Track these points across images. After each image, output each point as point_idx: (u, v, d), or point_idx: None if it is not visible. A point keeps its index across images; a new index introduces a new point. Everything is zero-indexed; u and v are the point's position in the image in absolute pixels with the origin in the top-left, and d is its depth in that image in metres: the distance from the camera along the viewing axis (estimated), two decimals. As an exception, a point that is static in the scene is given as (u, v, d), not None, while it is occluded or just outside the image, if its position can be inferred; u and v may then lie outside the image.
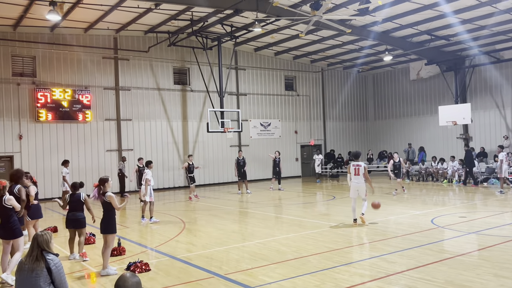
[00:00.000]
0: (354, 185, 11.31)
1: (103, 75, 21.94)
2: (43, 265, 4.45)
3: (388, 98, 31.01)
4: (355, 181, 11.29)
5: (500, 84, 24.65)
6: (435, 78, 27.44)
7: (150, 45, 22.52)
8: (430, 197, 16.90)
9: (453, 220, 11.49)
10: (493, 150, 23.57)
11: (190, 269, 7.77)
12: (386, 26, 21.14)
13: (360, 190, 11.29)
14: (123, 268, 7.82)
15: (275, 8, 17.23)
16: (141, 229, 12.09)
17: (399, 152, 23.07)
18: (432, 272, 6.93)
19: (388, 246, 8.79)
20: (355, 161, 11.57)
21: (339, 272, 7.11)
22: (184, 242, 10.06)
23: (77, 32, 21.08)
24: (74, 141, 21.06)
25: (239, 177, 19.86)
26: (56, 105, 20.46)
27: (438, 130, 26.39)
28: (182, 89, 24.28)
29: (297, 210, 14.90)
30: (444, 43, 23.10)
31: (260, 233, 10.80)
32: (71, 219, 8.94)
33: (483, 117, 25.35)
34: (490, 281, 6.40)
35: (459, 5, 17.87)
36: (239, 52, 26.12)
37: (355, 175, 11.27)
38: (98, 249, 9.45)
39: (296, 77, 28.83)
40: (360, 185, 11.25)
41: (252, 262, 7.99)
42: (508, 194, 16.54)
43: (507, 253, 7.94)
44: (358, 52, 26.05)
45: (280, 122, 27.80)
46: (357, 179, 11.27)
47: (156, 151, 23.06)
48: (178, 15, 19.57)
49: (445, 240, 9.49)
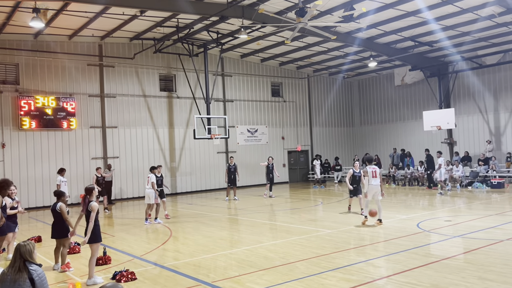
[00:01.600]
0: (372, 187, 11.85)
1: (88, 82, 21.76)
2: (26, 276, 4.37)
3: (374, 103, 31.31)
4: (374, 183, 11.83)
5: (482, 89, 25.07)
6: (419, 84, 27.81)
7: (136, 52, 22.43)
8: (416, 202, 17.06)
9: (438, 224, 11.61)
10: (477, 155, 23.95)
11: (177, 277, 7.70)
12: (371, 33, 21.40)
13: (378, 191, 11.85)
14: (109, 277, 7.72)
15: (260, 15, 17.33)
16: (127, 238, 11.96)
17: (384, 157, 23.33)
18: (418, 276, 6.99)
19: (374, 251, 8.84)
20: (370, 164, 12.23)
21: (326, 278, 7.12)
22: (171, 250, 9.98)
23: (61, 39, 20.90)
24: (59, 149, 20.80)
25: (229, 183, 19.71)
26: (40, 113, 20.21)
27: (423, 135, 26.71)
28: (168, 96, 24.20)
29: (285, 216, 14.90)
30: (427, 49, 23.46)
31: (248, 239, 10.78)
32: (53, 229, 8.79)
33: (466, 122, 25.74)
34: (474, 284, 6.47)
35: (441, 12, 18.17)
36: (225, 58, 26.16)
37: (373, 177, 11.85)
38: (83, 258, 9.34)
39: (282, 83, 28.96)
40: (378, 186, 11.84)
41: (240, 269, 7.96)
42: (447, 195, 18.26)
43: (491, 256, 8.05)
44: (344, 58, 26.30)
45: (267, 128, 27.85)
46: (375, 181, 11.83)
47: (142, 158, 22.90)
48: (163, 22, 19.54)
49: (430, 244, 9.58)
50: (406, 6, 17.59)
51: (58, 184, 15.92)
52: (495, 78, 24.64)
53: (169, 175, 23.75)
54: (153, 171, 14.21)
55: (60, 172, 16.31)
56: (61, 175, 16.13)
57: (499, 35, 20.93)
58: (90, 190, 7.86)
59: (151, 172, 14.23)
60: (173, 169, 24.04)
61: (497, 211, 13.47)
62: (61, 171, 16.38)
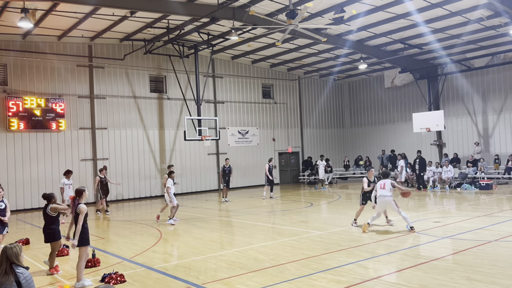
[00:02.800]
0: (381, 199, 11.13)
1: (77, 83, 21.59)
2: (13, 279, 4.32)
3: (364, 105, 31.48)
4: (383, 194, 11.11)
5: (471, 92, 25.33)
6: (409, 86, 28.02)
7: (126, 53, 22.31)
8: (405, 203, 17.16)
9: (427, 225, 11.69)
10: (466, 156, 24.17)
11: (167, 279, 7.66)
12: (361, 35, 21.52)
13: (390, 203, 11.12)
14: (98, 280, 7.66)
15: (251, 17, 17.33)
16: (117, 240, 11.87)
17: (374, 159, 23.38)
18: (407, 277, 7.02)
19: (364, 252, 8.87)
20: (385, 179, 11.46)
21: (316, 279, 7.13)
22: (161, 252, 9.93)
23: (51, 40, 20.72)
24: (48, 151, 20.60)
25: (224, 184, 20.08)
26: (28, 114, 20.00)
27: (413, 137, 26.90)
28: (159, 97, 24.10)
29: (275, 217, 14.91)
30: (417, 51, 23.64)
31: (238, 241, 10.76)
32: (43, 233, 8.69)
33: (455, 124, 25.98)
34: (463, 284, 6.53)
35: (430, 15, 18.34)
36: (216, 60, 26.13)
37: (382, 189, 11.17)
38: (72, 261, 9.26)
39: (273, 85, 29.00)
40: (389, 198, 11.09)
41: (230, 271, 7.94)
42: None
43: (479, 256, 8.12)
44: (334, 60, 26.42)
45: (258, 130, 27.86)
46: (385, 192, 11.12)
47: (132, 159, 22.77)
48: (154, 23, 19.46)
49: (420, 245, 9.64)
50: (396, 8, 17.73)
51: (61, 187, 14.99)
52: (484, 80, 24.92)
53: (159, 176, 23.64)
54: (171, 176, 14.19)
55: (66, 174, 15.29)
56: (66, 178, 15.12)
57: (487, 38, 21.17)
58: (80, 192, 7.80)
59: (169, 176, 14.16)
60: (163, 171, 23.90)
61: (485, 212, 13.60)
62: (67, 173, 15.31)
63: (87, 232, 7.68)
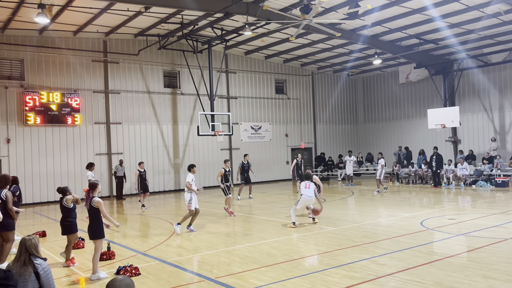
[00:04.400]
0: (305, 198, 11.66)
1: (92, 78, 21.81)
2: (31, 270, 4.39)
3: (378, 101, 31.23)
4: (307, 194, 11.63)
5: (487, 87, 24.95)
6: (424, 82, 27.70)
7: (140, 48, 22.44)
8: (419, 200, 17.03)
9: (442, 222, 11.58)
10: (481, 153, 23.84)
11: (181, 273, 7.73)
12: (376, 30, 21.31)
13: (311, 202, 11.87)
14: (113, 272, 7.76)
15: (265, 12, 17.27)
16: (131, 234, 12.00)
17: (388, 155, 23.24)
18: (421, 273, 6.98)
19: (378, 249, 8.83)
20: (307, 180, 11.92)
21: (329, 275, 7.13)
22: (175, 246, 10.01)
23: (66, 35, 20.94)
24: (63, 145, 20.88)
25: (243, 181, 19.54)
26: (44, 109, 20.28)
27: (427, 133, 26.62)
28: (172, 92, 24.22)
29: (288, 213, 14.89)
30: (432, 47, 23.34)
31: (251, 236, 10.80)
32: (61, 225, 8.82)
33: (471, 120, 25.63)
34: (478, 282, 6.46)
35: (447, 10, 18.08)
36: (230, 55, 26.14)
37: (306, 188, 11.68)
38: (87, 253, 9.39)
39: (286, 80, 28.92)
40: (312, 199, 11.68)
41: (243, 265, 7.98)
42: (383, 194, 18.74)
43: (495, 254, 8.03)
44: (348, 55, 26.23)
45: (270, 125, 27.84)
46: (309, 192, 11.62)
47: (146, 154, 22.95)
48: (168, 18, 19.53)
49: (434, 242, 9.57)
50: (411, 3, 17.51)
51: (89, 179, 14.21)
52: (501, 76, 24.51)
53: (172, 171, 23.82)
54: (193, 170, 11.96)
55: (89, 167, 15.16)
56: (90, 170, 14.97)
57: (505, 33, 20.80)
58: (94, 186, 7.91)
59: (189, 171, 12.02)
60: (176, 166, 24.09)
61: (501, 209, 13.42)
62: (90, 166, 15.20)
63: (102, 225, 7.80)
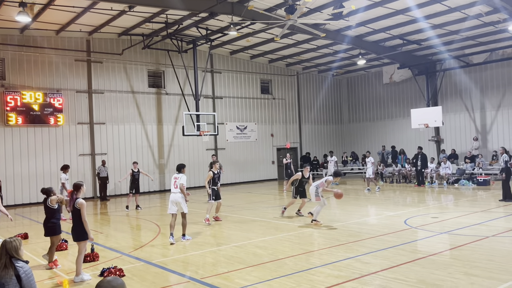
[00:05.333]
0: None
1: (75, 78, 21.53)
2: (12, 273, 4.31)
3: (362, 101, 31.49)
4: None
5: (469, 87, 25.35)
6: (407, 82, 28.02)
7: (124, 48, 22.24)
8: (403, 199, 17.22)
9: (425, 220, 11.73)
10: (464, 152, 24.22)
11: (166, 273, 7.68)
12: (360, 31, 21.49)
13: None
14: (97, 274, 7.67)
15: (250, 12, 17.28)
16: (115, 235, 11.88)
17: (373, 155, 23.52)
18: (405, 272, 7.06)
19: (362, 247, 8.90)
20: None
21: (314, 274, 7.16)
22: (160, 247, 9.94)
23: (49, 34, 20.63)
24: (46, 146, 20.57)
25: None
26: (26, 109, 19.95)
27: (411, 133, 26.94)
28: (157, 92, 24.05)
29: (274, 212, 14.92)
30: (415, 47, 23.63)
31: (237, 236, 10.78)
32: (44, 226, 8.69)
33: (453, 119, 26.01)
34: (460, 279, 6.56)
35: (429, 11, 18.31)
36: (215, 55, 26.08)
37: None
38: (71, 255, 9.27)
39: (271, 80, 28.96)
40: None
41: (228, 265, 7.96)
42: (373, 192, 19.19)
43: (477, 252, 8.16)
44: (333, 56, 26.39)
45: (256, 125, 27.85)
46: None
47: (131, 155, 22.74)
48: (152, 17, 19.39)
49: (417, 240, 9.68)
50: (395, 4, 17.70)
51: (63, 183, 14.51)
52: (482, 76, 24.93)
53: (157, 172, 23.66)
54: (182, 170, 10.69)
55: (64, 169, 14.88)
56: (64, 173, 14.72)
57: (485, 34, 21.16)
58: (78, 187, 7.79)
59: (180, 172, 10.64)
60: (161, 166, 23.93)
61: (483, 208, 13.65)
62: (65, 168, 14.91)
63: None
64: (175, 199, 10.35)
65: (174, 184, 10.48)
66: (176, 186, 10.40)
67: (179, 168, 10.75)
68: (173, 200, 10.38)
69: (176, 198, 10.34)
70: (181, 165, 10.83)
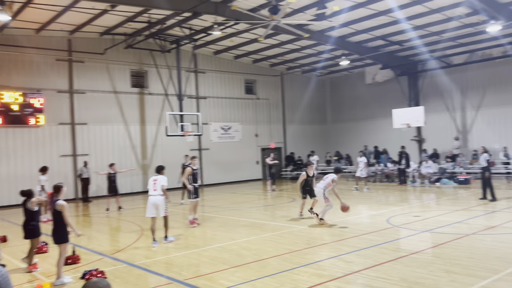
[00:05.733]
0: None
1: (56, 77, 21.19)
2: (-11, 277, 4.22)
3: (345, 101, 31.70)
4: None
5: (450, 88, 25.73)
6: (389, 82, 28.30)
7: (106, 47, 21.98)
8: (386, 198, 17.39)
9: (407, 219, 11.87)
10: (445, 151, 24.58)
11: (149, 275, 7.62)
12: (343, 31, 21.63)
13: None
14: (78, 277, 7.56)
15: (233, 12, 17.24)
16: (98, 237, 11.74)
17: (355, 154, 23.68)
18: (387, 270, 7.12)
19: (345, 246, 8.96)
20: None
21: (298, 274, 7.17)
22: (142, 249, 9.85)
23: (28, 33, 20.27)
24: (26, 147, 20.20)
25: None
26: (5, 109, 19.54)
27: (393, 133, 27.20)
28: (140, 92, 23.83)
29: (258, 213, 14.94)
30: (397, 48, 23.90)
31: (221, 237, 10.75)
32: (24, 229, 8.52)
33: (435, 119, 26.36)
34: (441, 277, 6.65)
35: (411, 12, 18.54)
36: (199, 55, 25.96)
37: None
38: (51, 258, 9.11)
39: (256, 80, 28.97)
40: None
41: (212, 266, 7.93)
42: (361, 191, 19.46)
43: (457, 249, 8.29)
44: (316, 56, 26.52)
45: (240, 126, 27.82)
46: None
47: (113, 155, 22.47)
48: (135, 17, 19.21)
49: (400, 239, 9.79)
50: (377, 5, 17.87)
51: (42, 185, 14.35)
52: (462, 77, 25.34)
53: (140, 172, 23.44)
54: (161, 172, 10.57)
55: (42, 170, 14.78)
56: (43, 174, 14.60)
57: (466, 35, 21.50)
58: (58, 188, 7.68)
59: (159, 173, 10.53)
60: (145, 167, 23.72)
61: (464, 206, 13.87)
62: (44, 169, 14.80)
63: (66, 228, 7.58)
64: (155, 202, 10.12)
65: (154, 186, 10.21)
66: (156, 188, 10.15)
67: (158, 169, 10.61)
68: (153, 202, 10.14)
69: (156, 200, 10.11)
70: (161, 166, 10.68)
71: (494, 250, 8.17)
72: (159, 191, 10.12)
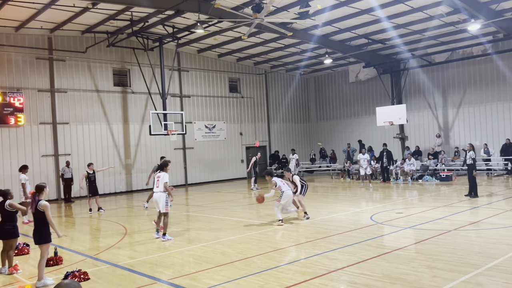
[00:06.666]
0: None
1: (37, 76, 20.83)
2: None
3: (329, 100, 31.90)
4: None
5: (432, 86, 26.09)
6: (372, 81, 28.57)
7: (88, 46, 21.69)
8: (369, 195, 17.55)
9: (390, 216, 11.99)
10: (427, 149, 24.93)
11: (132, 276, 7.54)
12: (326, 30, 21.74)
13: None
14: (61, 278, 7.45)
15: (217, 10, 17.19)
16: (80, 237, 11.58)
17: (338, 152, 23.80)
18: (371, 267, 7.19)
19: (329, 244, 9.01)
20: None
21: (282, 271, 7.19)
22: (126, 249, 9.76)
23: (7, 31, 19.87)
24: (6, 146, 19.82)
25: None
26: (-16, 108, 19.16)
27: (376, 130, 27.49)
28: (123, 91, 23.58)
29: (243, 211, 14.93)
30: (380, 46, 24.12)
31: (205, 236, 10.71)
32: (0, 230, 8.34)
33: (417, 117, 26.72)
34: (424, 273, 6.74)
35: (392, 11, 18.73)
36: (182, 53, 25.80)
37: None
38: (32, 259, 8.97)
39: (240, 79, 28.93)
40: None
41: (197, 265, 7.89)
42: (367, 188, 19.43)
43: (439, 245, 8.40)
44: (300, 55, 26.60)
45: (225, 124, 27.76)
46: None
47: (96, 155, 22.22)
48: (117, 15, 18.99)
49: (383, 235, 9.89)
50: (359, 4, 18.00)
51: (23, 183, 14.16)
52: (444, 75, 25.71)
53: (124, 172, 23.22)
54: (165, 169, 10.72)
55: (23, 169, 14.53)
56: (23, 173, 14.37)
57: (447, 34, 21.82)
58: (40, 188, 7.56)
59: (163, 170, 10.71)
60: (128, 166, 23.50)
61: (445, 203, 14.08)
62: (24, 168, 14.59)
63: (48, 229, 7.46)
64: (156, 198, 10.56)
65: (157, 183, 10.59)
66: (158, 185, 10.52)
67: (161, 166, 10.92)
68: (154, 199, 10.63)
69: (156, 197, 10.53)
70: (164, 163, 10.91)
71: (475, 246, 8.31)
72: (161, 188, 10.47)
